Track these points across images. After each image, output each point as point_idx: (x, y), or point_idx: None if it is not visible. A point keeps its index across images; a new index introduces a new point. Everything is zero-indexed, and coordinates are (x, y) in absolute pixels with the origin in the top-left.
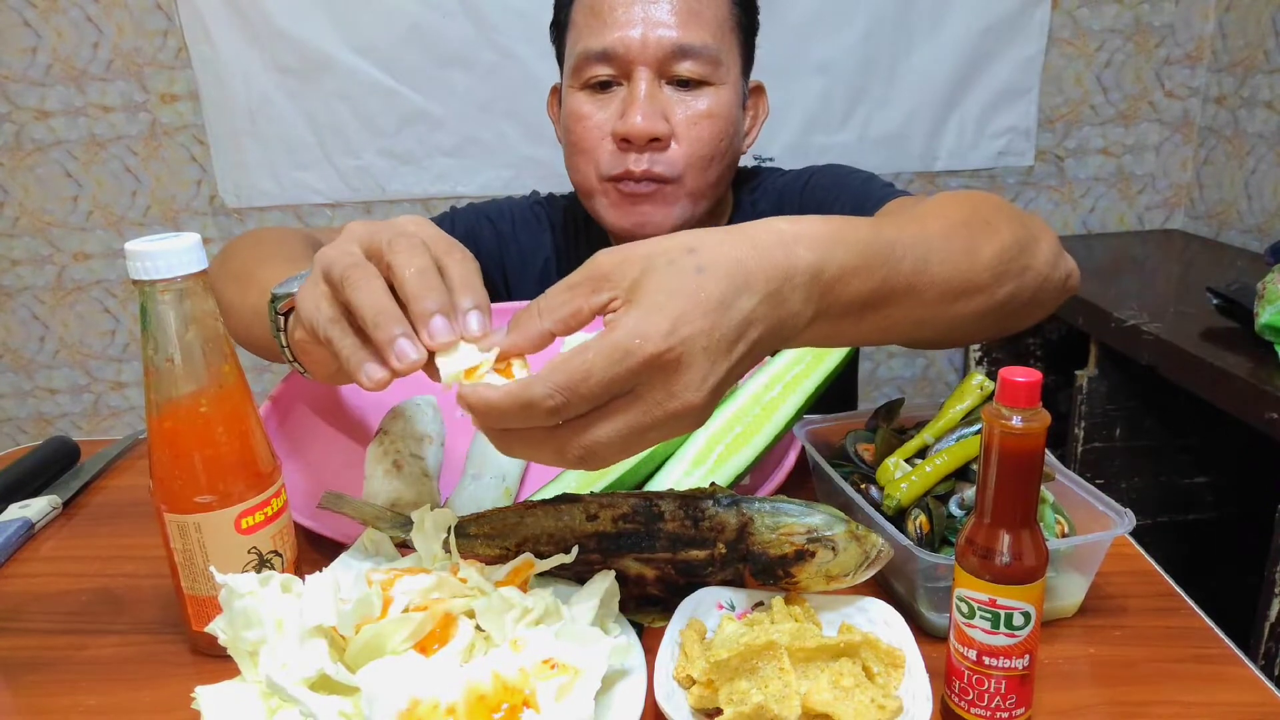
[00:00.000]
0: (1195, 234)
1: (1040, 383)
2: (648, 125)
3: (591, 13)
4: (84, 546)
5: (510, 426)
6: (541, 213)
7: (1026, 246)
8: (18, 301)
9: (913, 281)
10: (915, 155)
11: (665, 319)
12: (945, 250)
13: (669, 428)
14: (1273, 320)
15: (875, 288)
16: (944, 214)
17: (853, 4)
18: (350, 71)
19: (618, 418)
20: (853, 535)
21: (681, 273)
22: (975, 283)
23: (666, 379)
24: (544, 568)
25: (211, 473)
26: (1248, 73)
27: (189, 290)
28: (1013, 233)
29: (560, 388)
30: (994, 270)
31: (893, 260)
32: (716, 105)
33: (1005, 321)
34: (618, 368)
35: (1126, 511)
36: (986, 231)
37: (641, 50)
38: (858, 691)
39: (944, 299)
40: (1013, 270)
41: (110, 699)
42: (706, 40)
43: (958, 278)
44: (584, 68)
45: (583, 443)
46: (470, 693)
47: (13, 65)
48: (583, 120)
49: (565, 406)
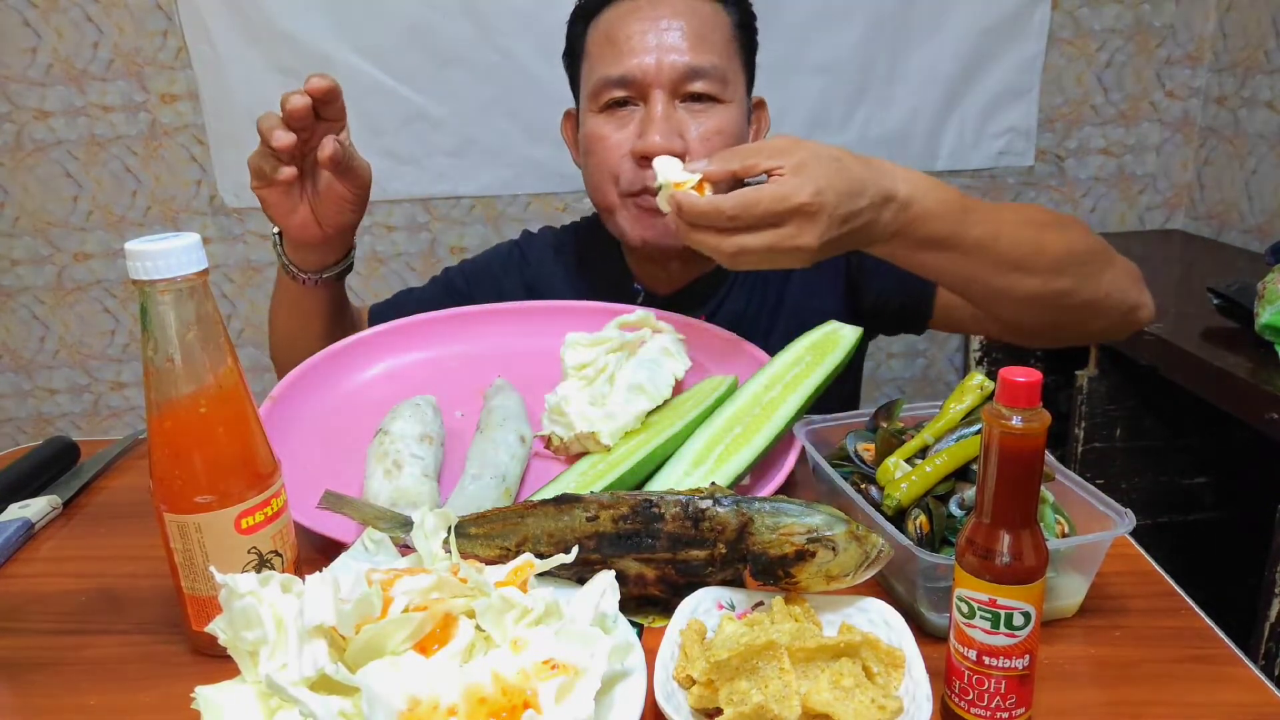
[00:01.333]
0: (1196, 234)
1: (1040, 383)
2: (666, 143)
3: (608, 42)
4: (84, 546)
5: (699, 224)
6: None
7: (1095, 261)
8: (18, 301)
9: (978, 242)
10: (915, 155)
11: (814, 185)
12: (1014, 233)
13: (789, 257)
14: (1273, 320)
15: (946, 235)
16: (1028, 214)
17: (853, 4)
18: (350, 71)
19: (765, 234)
20: (853, 535)
21: (829, 165)
22: (1032, 266)
23: (801, 222)
24: (544, 568)
25: (211, 473)
26: (1248, 73)
27: (189, 290)
28: (1086, 246)
29: (741, 206)
30: (1054, 263)
31: (967, 223)
32: (726, 122)
33: (1058, 316)
34: (779, 205)
35: (1126, 511)
36: (1060, 236)
37: (657, 74)
38: (858, 691)
39: (999, 268)
40: (1071, 271)
41: (110, 699)
42: (715, 61)
43: (1016, 254)
44: (602, 92)
45: (737, 242)
46: (470, 693)
47: (13, 65)
48: (602, 140)
49: (738, 218)
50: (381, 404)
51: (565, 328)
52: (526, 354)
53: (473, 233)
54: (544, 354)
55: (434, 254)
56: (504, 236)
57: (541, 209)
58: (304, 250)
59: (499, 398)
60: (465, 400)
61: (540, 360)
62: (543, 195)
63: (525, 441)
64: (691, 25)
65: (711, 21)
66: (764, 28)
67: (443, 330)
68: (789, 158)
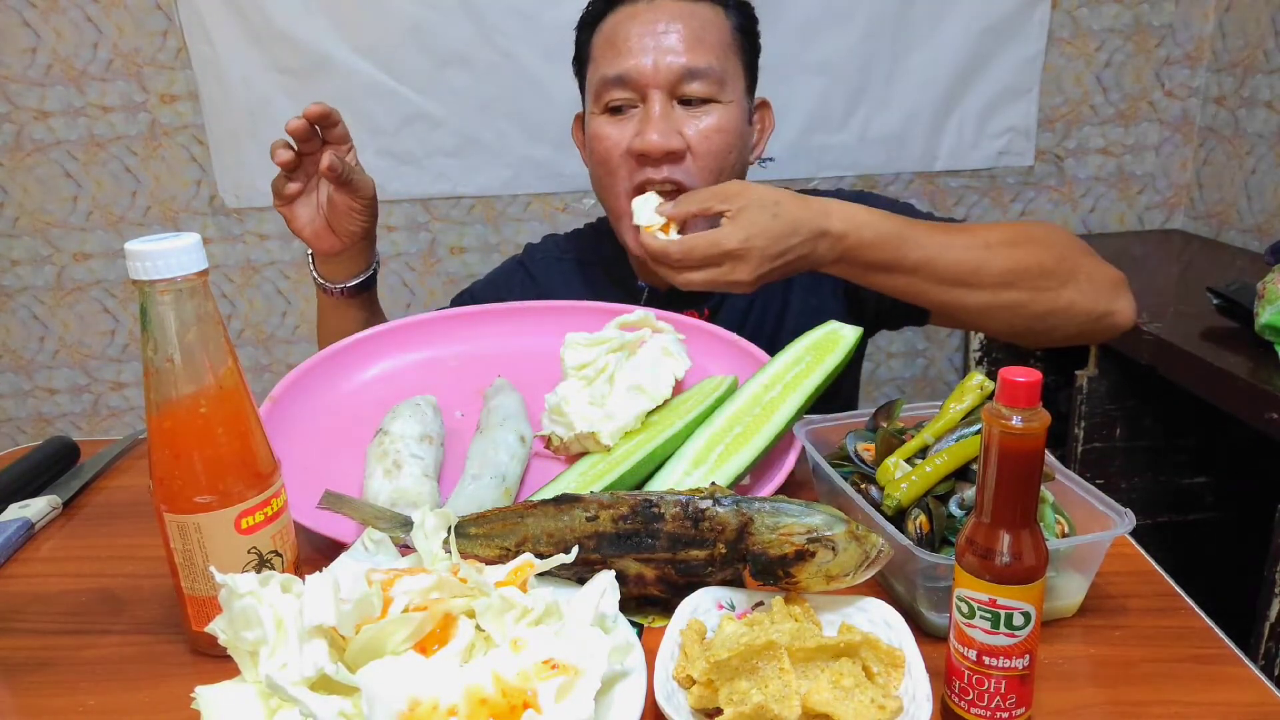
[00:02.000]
0: (1195, 234)
1: (1040, 383)
2: (663, 141)
3: (609, 44)
4: (84, 546)
5: (657, 261)
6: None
7: (1052, 276)
8: (18, 301)
9: (917, 265)
10: (915, 155)
11: (745, 232)
12: (957, 255)
13: (730, 288)
14: (1273, 320)
15: (886, 260)
16: (987, 235)
17: (853, 4)
18: (350, 71)
19: (705, 271)
20: (853, 535)
21: (764, 212)
22: (975, 282)
23: (734, 263)
24: (544, 568)
25: (211, 473)
26: (1247, 73)
27: (189, 290)
28: (1039, 262)
29: (683, 251)
30: (998, 280)
31: (904, 249)
32: (725, 121)
33: (1020, 324)
34: (712, 250)
35: (1126, 511)
36: (1010, 254)
37: (654, 74)
38: (858, 691)
39: (941, 285)
40: (1022, 285)
41: (110, 699)
42: (711, 62)
43: (956, 273)
44: (603, 93)
45: (685, 278)
46: (470, 693)
47: (13, 65)
48: (604, 140)
49: (683, 259)
50: (381, 404)
51: (565, 328)
52: (526, 354)
53: (472, 233)
54: (544, 354)
55: (434, 254)
56: (504, 236)
57: (541, 209)
58: (330, 263)
59: (499, 398)
60: (465, 400)
61: (540, 360)
62: (543, 195)
63: (525, 441)
64: (689, 27)
65: (710, 24)
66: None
67: (443, 330)
68: (734, 203)
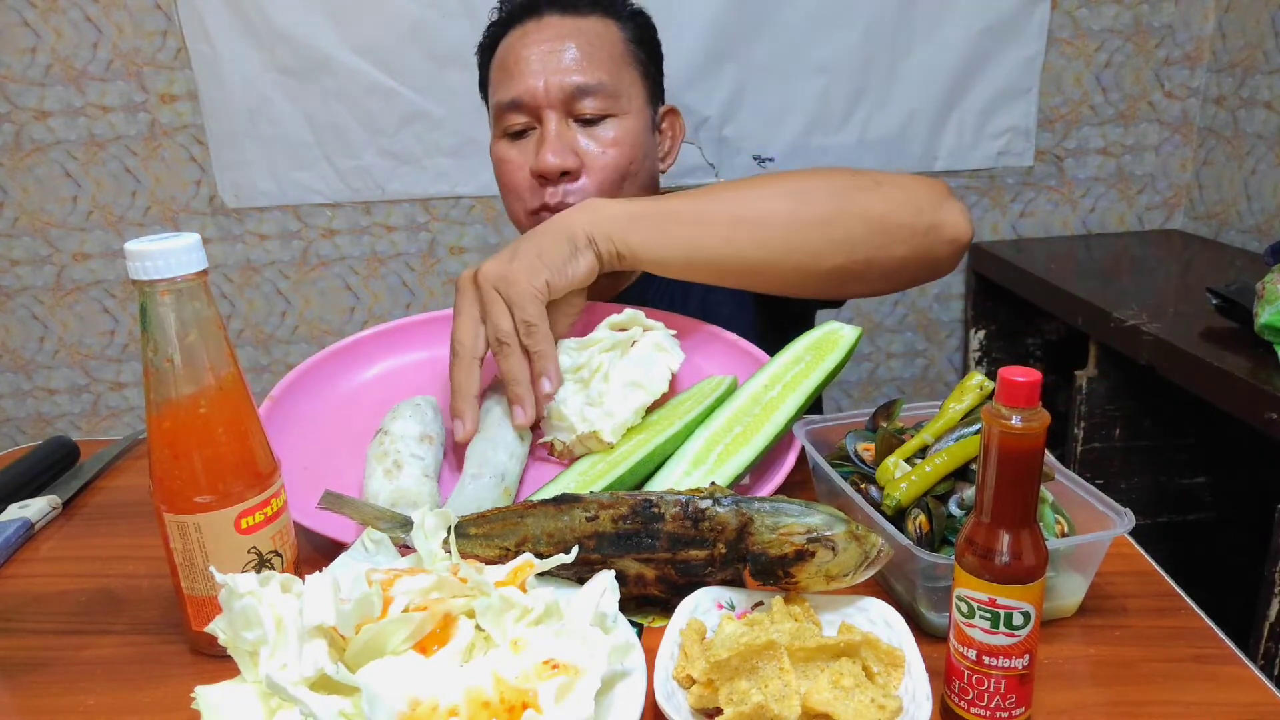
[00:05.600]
0: (1195, 234)
1: (1040, 382)
2: (559, 161)
3: (502, 69)
4: (84, 546)
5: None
6: None
7: (854, 188)
8: (17, 301)
9: (692, 241)
10: (915, 155)
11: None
12: (763, 204)
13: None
14: (1272, 320)
15: (651, 235)
16: (774, 183)
17: (853, 4)
18: (350, 71)
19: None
20: (853, 535)
21: (496, 260)
22: (758, 233)
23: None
24: (544, 568)
25: (211, 473)
26: (1247, 73)
27: (189, 291)
28: (834, 181)
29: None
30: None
31: (672, 219)
32: (622, 133)
33: (837, 257)
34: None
35: (1126, 511)
36: (806, 181)
37: (546, 95)
38: (858, 691)
39: (729, 232)
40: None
41: (110, 699)
42: (602, 78)
43: (741, 227)
44: (502, 117)
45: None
46: (470, 693)
47: (12, 65)
48: (506, 164)
49: (458, 353)
50: (381, 404)
51: None
52: None
53: (472, 233)
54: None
55: (434, 254)
56: (504, 236)
57: None
58: None
59: (499, 397)
60: None
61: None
62: None
63: (525, 441)
64: (579, 45)
65: (600, 39)
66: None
67: (443, 330)
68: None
